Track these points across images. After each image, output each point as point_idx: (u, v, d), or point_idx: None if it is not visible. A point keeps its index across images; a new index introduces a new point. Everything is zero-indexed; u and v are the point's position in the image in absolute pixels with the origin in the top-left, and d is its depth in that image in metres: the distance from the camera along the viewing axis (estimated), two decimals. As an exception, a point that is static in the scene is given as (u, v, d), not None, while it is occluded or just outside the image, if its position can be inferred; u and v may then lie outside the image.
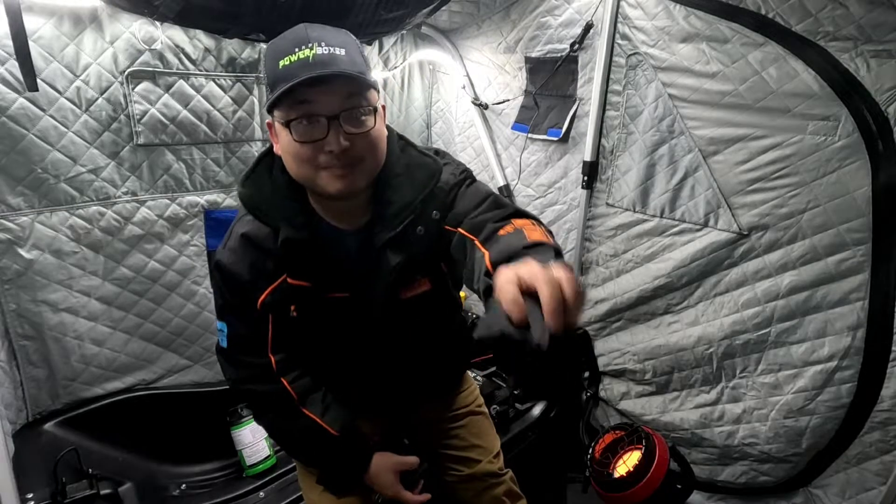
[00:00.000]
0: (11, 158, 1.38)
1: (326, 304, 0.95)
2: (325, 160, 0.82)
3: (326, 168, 0.82)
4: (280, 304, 0.94)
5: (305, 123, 0.80)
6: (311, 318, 0.96)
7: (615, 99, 1.74)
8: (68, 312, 1.56)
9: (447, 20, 2.12)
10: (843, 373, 1.38)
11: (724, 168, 1.50)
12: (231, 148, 1.75)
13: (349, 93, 0.81)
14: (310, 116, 0.80)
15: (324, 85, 0.78)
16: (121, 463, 1.62)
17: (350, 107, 0.81)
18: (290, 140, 0.82)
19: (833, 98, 1.27)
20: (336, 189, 0.84)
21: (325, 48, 0.79)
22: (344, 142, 0.80)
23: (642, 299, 1.78)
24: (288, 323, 0.96)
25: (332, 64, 0.78)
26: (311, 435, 1.02)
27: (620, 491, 1.45)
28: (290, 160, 0.85)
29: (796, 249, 1.41)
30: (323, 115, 0.80)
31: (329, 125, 0.80)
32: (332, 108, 0.80)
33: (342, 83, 0.80)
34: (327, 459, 1.05)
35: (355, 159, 0.83)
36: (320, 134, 0.80)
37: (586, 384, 2.03)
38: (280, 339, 0.99)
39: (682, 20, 1.49)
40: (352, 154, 0.82)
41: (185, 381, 1.84)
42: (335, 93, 0.80)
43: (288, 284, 0.92)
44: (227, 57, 1.65)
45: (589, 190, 1.87)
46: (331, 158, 0.81)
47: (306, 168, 0.83)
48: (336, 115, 0.80)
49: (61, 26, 1.38)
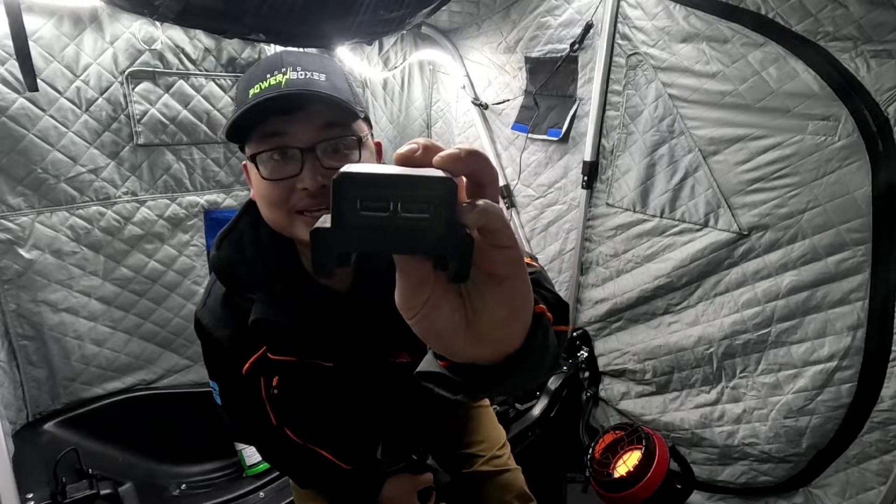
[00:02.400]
0: (11, 158, 1.38)
1: (311, 373, 0.84)
2: (299, 201, 0.68)
3: (302, 212, 0.69)
4: (264, 374, 0.85)
5: (277, 158, 0.68)
6: (295, 389, 0.86)
7: (615, 99, 1.74)
8: (68, 312, 1.56)
9: (447, 20, 2.12)
10: (843, 373, 1.38)
11: (724, 168, 1.50)
12: (231, 148, 1.75)
13: (327, 122, 0.68)
14: (282, 149, 0.67)
15: (297, 112, 0.67)
16: (121, 463, 1.62)
17: (328, 137, 0.68)
18: (258, 179, 0.69)
19: (833, 98, 1.27)
20: None
21: (300, 73, 0.68)
22: (321, 179, 0.66)
23: (642, 299, 1.78)
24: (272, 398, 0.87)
25: (307, 89, 0.67)
26: (321, 470, 0.99)
27: (620, 491, 1.45)
28: (262, 204, 0.73)
29: (796, 249, 1.41)
30: (296, 146, 0.67)
31: (304, 159, 0.67)
32: (307, 139, 0.67)
33: (319, 110, 0.67)
34: (340, 490, 1.03)
35: None
36: (293, 170, 0.67)
37: (586, 384, 2.03)
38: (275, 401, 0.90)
39: (682, 20, 1.49)
40: None
41: (185, 381, 1.84)
42: (310, 121, 0.67)
43: (269, 359, 0.82)
44: (227, 57, 1.66)
45: (589, 190, 1.87)
46: (306, 199, 0.68)
47: (278, 213, 0.70)
48: (311, 147, 0.67)
49: (61, 26, 1.38)
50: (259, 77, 0.69)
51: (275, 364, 0.82)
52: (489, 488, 1.19)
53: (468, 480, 1.21)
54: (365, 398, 0.94)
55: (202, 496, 1.54)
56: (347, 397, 0.92)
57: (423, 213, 0.27)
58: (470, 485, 1.21)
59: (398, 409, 0.97)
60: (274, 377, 0.84)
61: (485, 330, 0.34)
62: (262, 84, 0.68)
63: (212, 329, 0.84)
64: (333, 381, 0.87)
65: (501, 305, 0.33)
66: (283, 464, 1.05)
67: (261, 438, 0.98)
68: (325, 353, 0.83)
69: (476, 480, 1.20)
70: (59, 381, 1.58)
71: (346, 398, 0.92)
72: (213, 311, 0.84)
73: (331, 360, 0.84)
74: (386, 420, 1.01)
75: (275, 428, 0.94)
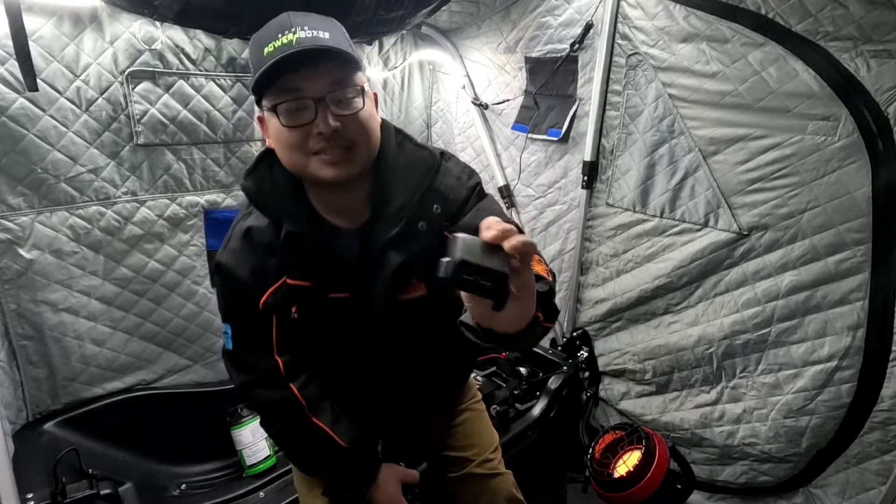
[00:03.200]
0: (11, 158, 1.38)
1: (327, 304, 0.92)
2: (315, 144, 0.80)
3: (317, 153, 0.81)
4: (282, 304, 0.91)
5: (293, 108, 0.79)
6: (311, 319, 0.94)
7: (615, 99, 1.74)
8: (68, 312, 1.55)
9: (447, 20, 2.12)
10: (843, 373, 1.38)
11: (724, 168, 1.50)
12: (231, 148, 1.75)
13: (335, 76, 0.79)
14: (298, 100, 0.79)
15: (308, 68, 0.78)
16: (121, 463, 1.61)
17: (336, 88, 0.80)
18: (279, 127, 0.81)
19: (833, 98, 1.27)
20: (329, 175, 0.82)
21: (307, 31, 0.78)
22: (333, 122, 0.79)
23: (642, 299, 1.78)
24: (290, 324, 0.93)
25: (315, 45, 0.77)
26: (319, 444, 1.00)
27: (620, 491, 1.45)
28: (281, 149, 0.84)
29: (796, 249, 1.41)
30: (310, 97, 0.78)
31: (317, 107, 0.78)
32: (319, 91, 0.79)
33: (326, 65, 0.78)
34: (335, 470, 1.04)
35: (348, 142, 0.81)
36: (309, 117, 0.79)
37: (586, 384, 2.03)
38: (285, 341, 0.97)
39: (682, 20, 1.49)
40: (344, 136, 0.80)
41: (185, 381, 1.84)
42: (320, 75, 0.78)
43: (288, 285, 0.90)
44: (227, 57, 1.66)
45: (589, 190, 1.87)
46: (321, 142, 0.80)
47: (297, 155, 0.82)
48: (322, 98, 0.79)
49: (61, 26, 1.38)
50: (271, 37, 0.79)
51: (293, 291, 0.90)
52: (479, 492, 1.19)
53: (458, 483, 1.21)
54: (376, 335, 0.97)
55: (202, 496, 1.54)
56: (359, 332, 0.96)
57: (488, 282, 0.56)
58: (460, 488, 1.21)
59: (406, 352, 1.02)
60: (293, 306, 0.91)
61: (505, 320, 0.63)
62: (276, 43, 0.77)
63: (233, 267, 0.91)
64: (347, 313, 0.94)
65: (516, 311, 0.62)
66: (282, 433, 1.04)
67: (267, 390, 0.99)
68: (340, 283, 0.92)
69: (466, 483, 1.20)
70: (59, 381, 1.58)
71: (358, 333, 0.96)
72: (233, 251, 0.92)
73: (346, 290, 0.92)
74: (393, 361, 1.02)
75: (282, 381, 0.98)
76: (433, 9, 1.60)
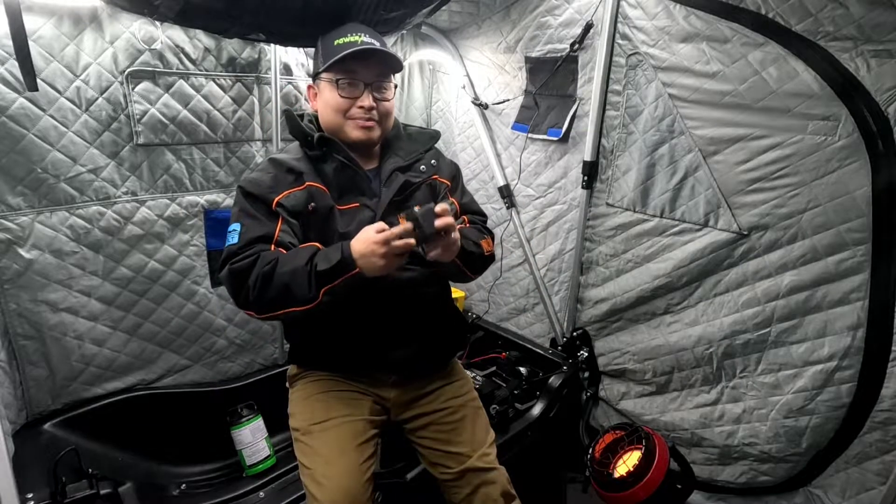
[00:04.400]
0: (11, 158, 1.38)
1: (338, 213, 1.17)
2: (356, 112, 1.17)
3: (354, 119, 1.17)
4: (296, 205, 1.14)
5: (348, 84, 1.16)
6: (321, 222, 1.16)
7: (615, 99, 1.74)
8: (68, 312, 1.55)
9: (447, 20, 2.12)
10: (843, 373, 1.38)
11: (724, 168, 1.50)
12: (231, 148, 1.75)
13: (381, 70, 1.18)
14: (353, 80, 1.16)
15: (367, 60, 1.15)
16: (121, 463, 1.61)
17: (381, 79, 1.18)
18: (334, 95, 1.17)
19: (833, 98, 1.27)
20: (357, 136, 1.18)
21: (368, 38, 1.17)
22: (373, 102, 1.17)
23: (642, 299, 1.78)
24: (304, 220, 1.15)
25: (374, 46, 1.15)
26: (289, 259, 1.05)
27: (620, 491, 1.45)
28: (328, 110, 1.19)
29: (796, 249, 1.41)
30: (363, 80, 1.16)
31: (365, 88, 1.16)
32: (370, 77, 1.17)
33: (378, 61, 1.17)
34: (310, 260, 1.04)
35: (378, 117, 1.19)
36: (357, 94, 1.16)
37: (586, 384, 2.03)
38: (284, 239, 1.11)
39: (682, 20, 1.49)
40: (376, 112, 1.18)
41: (185, 381, 1.84)
42: (372, 67, 1.16)
43: (309, 186, 1.16)
44: (227, 57, 1.66)
45: (589, 190, 1.87)
46: (361, 112, 1.16)
47: (339, 117, 1.18)
48: (371, 83, 1.17)
49: (61, 26, 1.38)
50: (342, 34, 1.18)
51: (313, 191, 1.17)
52: (478, 483, 1.21)
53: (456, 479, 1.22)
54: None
55: (202, 496, 1.54)
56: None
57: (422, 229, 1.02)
58: (457, 482, 1.23)
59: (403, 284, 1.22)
60: (310, 204, 1.16)
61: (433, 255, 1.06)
62: (345, 38, 1.16)
63: (255, 178, 1.17)
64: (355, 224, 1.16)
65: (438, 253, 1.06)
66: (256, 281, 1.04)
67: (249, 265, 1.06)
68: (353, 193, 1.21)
69: (464, 477, 1.22)
70: (59, 381, 1.58)
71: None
72: (257, 170, 1.20)
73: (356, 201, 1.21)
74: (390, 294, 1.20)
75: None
76: (433, 9, 1.60)
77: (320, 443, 1.17)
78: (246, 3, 1.24)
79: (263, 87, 1.76)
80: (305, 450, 1.19)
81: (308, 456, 1.17)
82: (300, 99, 1.86)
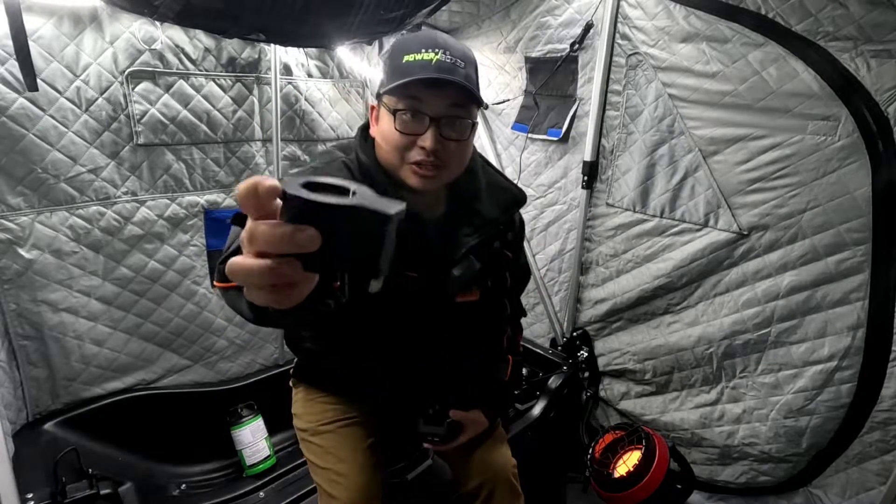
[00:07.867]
0: (11, 158, 1.38)
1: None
2: (415, 155, 0.87)
3: (413, 163, 0.88)
4: None
5: (409, 117, 0.86)
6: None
7: (615, 99, 1.74)
8: (68, 312, 1.55)
9: (447, 20, 2.12)
10: (843, 373, 1.38)
11: (724, 168, 1.50)
12: (231, 148, 1.75)
13: (456, 101, 0.86)
14: (415, 112, 0.86)
15: (437, 88, 0.85)
16: (121, 463, 1.61)
17: (453, 114, 0.87)
18: (391, 128, 0.88)
19: (833, 98, 1.27)
20: (416, 184, 0.89)
21: (448, 56, 0.85)
22: (437, 144, 0.86)
23: (642, 299, 1.78)
24: None
25: (450, 72, 0.84)
26: None
27: (620, 491, 1.45)
28: (384, 145, 0.91)
29: (796, 249, 1.41)
30: (428, 114, 0.86)
31: (430, 125, 0.86)
32: (438, 111, 0.86)
33: (452, 91, 0.85)
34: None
35: (442, 163, 0.88)
36: (420, 130, 0.86)
37: (586, 384, 2.03)
38: None
39: (682, 20, 1.49)
40: (441, 157, 0.87)
41: (185, 381, 1.84)
42: (444, 97, 0.85)
43: None
44: (227, 57, 1.66)
45: (589, 190, 1.87)
46: (420, 154, 0.87)
47: (396, 156, 0.89)
48: (438, 118, 0.86)
49: (61, 26, 1.38)
50: (415, 49, 0.86)
51: None
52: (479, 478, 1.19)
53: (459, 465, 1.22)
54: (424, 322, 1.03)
55: (202, 496, 1.54)
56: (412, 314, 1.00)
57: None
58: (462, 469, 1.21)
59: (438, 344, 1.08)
60: None
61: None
62: (417, 56, 0.85)
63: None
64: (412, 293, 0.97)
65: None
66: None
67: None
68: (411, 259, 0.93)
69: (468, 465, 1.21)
70: (59, 381, 1.58)
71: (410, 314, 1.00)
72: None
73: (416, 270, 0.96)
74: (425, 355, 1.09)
75: None
76: (433, 9, 1.60)
77: (332, 442, 1.15)
78: (246, 3, 1.24)
79: (263, 88, 1.76)
80: (316, 450, 1.17)
81: (320, 456, 1.16)
82: (300, 99, 1.86)
